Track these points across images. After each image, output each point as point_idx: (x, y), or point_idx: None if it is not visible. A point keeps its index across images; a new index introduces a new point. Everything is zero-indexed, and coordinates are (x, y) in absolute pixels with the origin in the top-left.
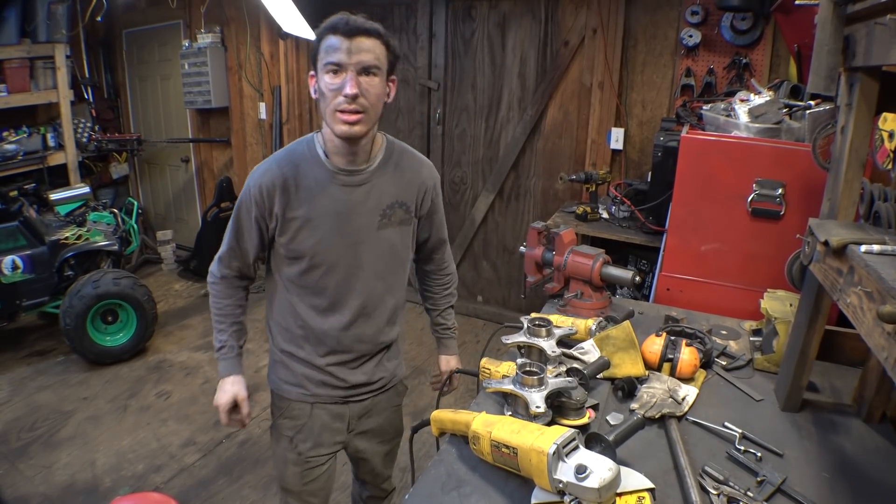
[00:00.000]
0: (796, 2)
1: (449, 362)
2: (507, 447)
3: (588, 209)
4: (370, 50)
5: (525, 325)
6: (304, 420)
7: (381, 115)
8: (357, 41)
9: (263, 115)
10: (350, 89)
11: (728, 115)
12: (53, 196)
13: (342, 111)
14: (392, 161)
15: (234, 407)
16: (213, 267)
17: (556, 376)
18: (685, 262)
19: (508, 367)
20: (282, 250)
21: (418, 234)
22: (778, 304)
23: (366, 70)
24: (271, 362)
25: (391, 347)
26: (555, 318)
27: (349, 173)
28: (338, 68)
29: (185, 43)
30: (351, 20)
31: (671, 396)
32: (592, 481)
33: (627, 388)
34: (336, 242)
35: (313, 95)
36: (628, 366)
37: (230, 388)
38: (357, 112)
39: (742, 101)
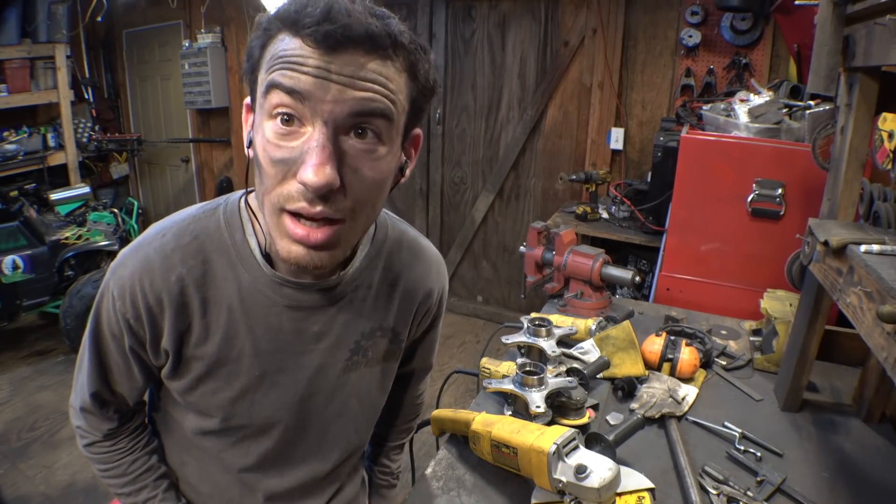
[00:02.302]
0: (796, 2)
1: None
2: (507, 447)
3: (588, 209)
4: (375, 81)
5: (525, 325)
6: None
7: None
8: (345, 59)
9: None
10: (316, 175)
11: (728, 116)
12: (54, 196)
13: (295, 214)
14: (381, 263)
15: None
16: (79, 421)
17: (556, 376)
18: (685, 262)
19: (508, 367)
20: (175, 395)
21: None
22: (778, 304)
23: (359, 122)
24: None
25: None
26: (555, 318)
27: (304, 289)
28: (293, 111)
29: (185, 43)
30: (336, 7)
31: (671, 396)
32: (592, 481)
33: (627, 388)
34: (269, 399)
35: (246, 149)
36: (628, 366)
37: None
38: (329, 222)
39: (742, 101)
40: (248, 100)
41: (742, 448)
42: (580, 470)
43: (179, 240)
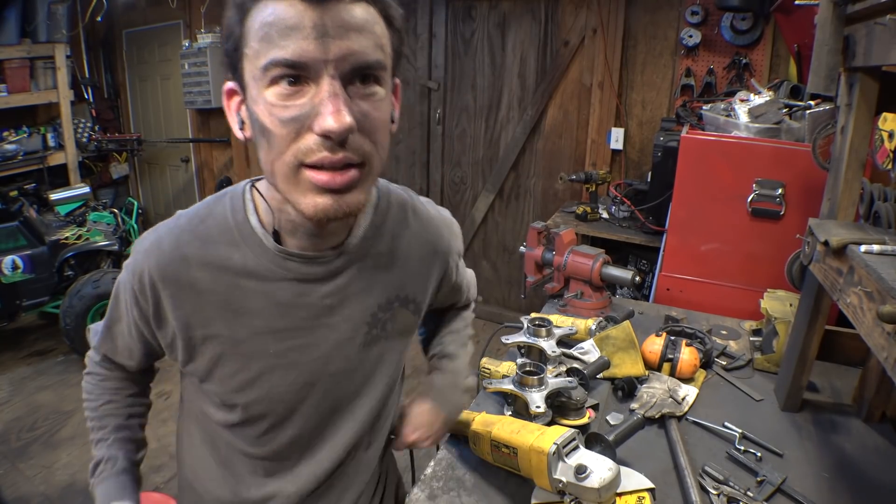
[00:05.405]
0: (796, 2)
1: (421, 416)
2: (507, 447)
3: (588, 209)
4: (364, 28)
5: (525, 325)
6: None
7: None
8: (335, 8)
9: None
10: (336, 120)
11: (728, 115)
12: (53, 196)
13: (318, 167)
14: (388, 228)
15: None
16: (91, 350)
17: (556, 376)
18: (685, 262)
19: (508, 367)
20: (198, 385)
21: None
22: (778, 304)
23: (361, 73)
24: (180, 492)
25: None
26: (555, 318)
27: (309, 260)
28: (299, 73)
29: (185, 43)
30: None
31: (671, 396)
32: (592, 481)
33: (627, 388)
34: (289, 380)
35: (237, 132)
36: (628, 366)
37: None
38: (349, 166)
39: (742, 101)
40: (230, 84)
41: (742, 448)
42: (580, 470)
43: (190, 222)
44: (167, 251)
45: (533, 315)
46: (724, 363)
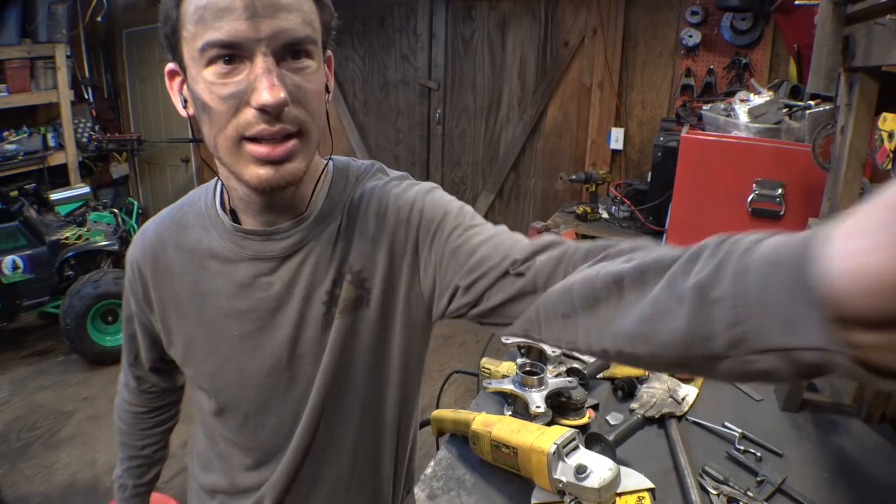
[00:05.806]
0: (796, 2)
1: None
2: (507, 447)
3: (588, 209)
4: (292, 7)
5: None
6: None
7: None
8: None
9: None
10: (271, 94)
11: (728, 116)
12: (54, 196)
13: (257, 140)
14: (343, 204)
15: None
16: (122, 370)
17: (556, 376)
18: None
19: (508, 367)
20: (183, 371)
21: (457, 299)
22: None
23: (293, 49)
24: (189, 486)
25: None
26: None
27: (265, 237)
28: (234, 53)
29: None
30: None
31: (671, 396)
32: (592, 481)
33: (627, 388)
34: (255, 364)
35: (181, 110)
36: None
37: None
38: (288, 137)
39: (742, 101)
40: (170, 66)
41: (742, 448)
42: (580, 470)
43: (171, 211)
44: (149, 237)
45: None
46: None
